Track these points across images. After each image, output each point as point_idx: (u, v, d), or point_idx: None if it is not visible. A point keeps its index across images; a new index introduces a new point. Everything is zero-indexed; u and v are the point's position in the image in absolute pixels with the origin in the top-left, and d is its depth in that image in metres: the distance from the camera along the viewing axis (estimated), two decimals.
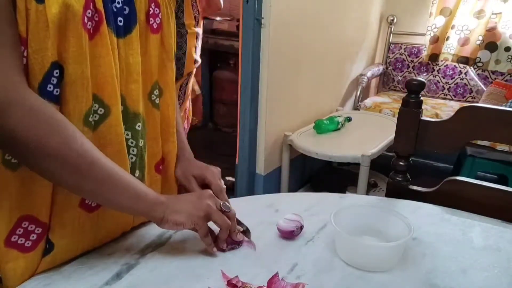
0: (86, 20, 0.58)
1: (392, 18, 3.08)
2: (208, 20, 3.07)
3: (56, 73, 0.58)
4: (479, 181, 0.94)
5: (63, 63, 0.58)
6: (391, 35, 3.13)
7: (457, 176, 0.97)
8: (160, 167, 0.80)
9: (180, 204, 0.67)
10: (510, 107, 2.27)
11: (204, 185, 0.80)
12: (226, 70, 3.26)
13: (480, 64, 2.79)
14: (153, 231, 0.75)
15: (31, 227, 0.62)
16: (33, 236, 0.62)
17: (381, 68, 3.12)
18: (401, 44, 3.13)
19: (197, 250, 0.70)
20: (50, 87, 0.57)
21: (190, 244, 0.71)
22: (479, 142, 2.27)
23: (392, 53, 3.17)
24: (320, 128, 2.26)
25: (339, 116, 2.36)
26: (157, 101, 0.75)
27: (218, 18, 3.08)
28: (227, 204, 0.70)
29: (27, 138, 0.54)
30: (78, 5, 0.57)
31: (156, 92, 0.75)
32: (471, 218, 0.86)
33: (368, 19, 2.97)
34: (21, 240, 0.62)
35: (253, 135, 2.14)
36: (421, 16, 3.06)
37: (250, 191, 2.23)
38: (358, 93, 2.85)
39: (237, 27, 2.19)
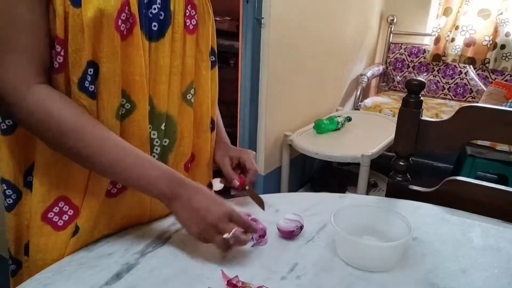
0: (120, 23, 0.63)
1: (392, 18, 3.08)
2: None
3: (91, 71, 0.63)
4: (479, 181, 0.94)
5: (98, 62, 0.63)
6: (391, 35, 3.13)
7: (457, 176, 0.97)
8: (189, 165, 0.82)
9: (184, 213, 0.66)
10: (510, 107, 2.27)
11: (238, 164, 0.86)
12: (226, 70, 3.26)
13: (488, 65, 2.79)
14: (153, 231, 0.75)
15: (66, 208, 0.68)
16: (65, 217, 0.68)
17: (381, 68, 3.12)
18: (401, 44, 3.13)
19: (197, 250, 0.70)
20: (86, 83, 0.63)
21: (190, 244, 0.71)
22: (479, 142, 2.27)
23: (392, 53, 3.17)
24: (320, 128, 2.26)
25: (339, 116, 2.36)
26: (192, 100, 0.78)
27: (218, 18, 3.08)
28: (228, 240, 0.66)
29: (30, 131, 0.64)
30: (113, 9, 0.61)
31: (192, 91, 0.78)
32: (471, 218, 0.86)
33: (368, 19, 2.97)
34: (56, 218, 0.68)
35: (253, 135, 2.14)
36: (421, 16, 3.06)
37: None
38: (358, 93, 2.85)
39: (237, 27, 2.18)
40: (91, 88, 0.63)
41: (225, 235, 0.65)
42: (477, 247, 0.76)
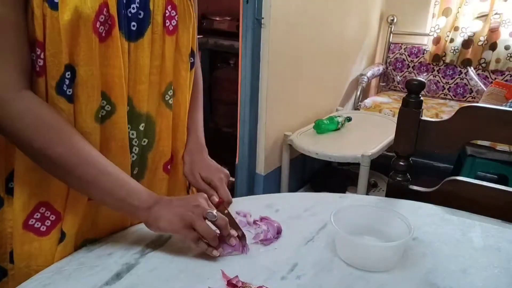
0: (98, 25, 0.61)
1: (392, 18, 3.08)
2: (208, 20, 3.07)
3: (68, 75, 0.62)
4: (479, 181, 0.94)
5: (75, 65, 0.62)
6: (391, 35, 3.13)
7: (457, 176, 0.97)
8: (169, 167, 0.81)
9: (164, 211, 0.66)
10: (510, 107, 2.27)
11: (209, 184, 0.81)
12: (226, 70, 3.26)
13: (484, 65, 2.80)
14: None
15: (47, 213, 0.67)
16: (47, 222, 0.67)
17: (381, 68, 3.12)
18: (401, 44, 3.13)
19: (197, 250, 0.70)
20: (64, 87, 0.62)
21: (190, 244, 0.71)
22: (479, 142, 2.27)
23: (392, 53, 3.17)
24: (320, 128, 2.26)
25: (339, 116, 2.36)
26: (170, 101, 0.77)
27: (218, 18, 3.08)
28: (213, 213, 0.67)
29: (14, 138, 0.61)
30: (91, 11, 0.60)
31: (170, 92, 0.77)
32: (471, 218, 0.86)
33: (368, 19, 2.97)
34: (37, 224, 0.67)
35: (253, 135, 2.14)
36: (421, 16, 3.06)
37: (250, 191, 2.22)
38: (358, 93, 2.85)
39: (237, 27, 2.18)
40: (69, 92, 0.62)
41: (210, 211, 0.66)
42: (477, 247, 0.76)
